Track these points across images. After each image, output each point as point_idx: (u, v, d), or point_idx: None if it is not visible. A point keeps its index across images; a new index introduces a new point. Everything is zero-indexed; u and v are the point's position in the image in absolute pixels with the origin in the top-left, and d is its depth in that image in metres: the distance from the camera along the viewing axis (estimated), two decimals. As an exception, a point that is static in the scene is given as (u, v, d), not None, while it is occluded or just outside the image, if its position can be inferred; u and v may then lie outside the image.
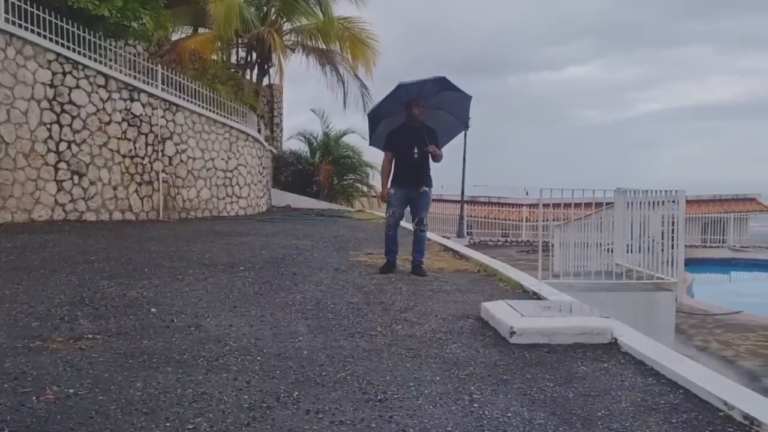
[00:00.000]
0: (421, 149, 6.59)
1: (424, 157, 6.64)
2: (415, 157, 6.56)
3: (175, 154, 12.86)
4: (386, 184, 6.77)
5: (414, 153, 6.55)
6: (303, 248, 8.81)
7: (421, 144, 6.58)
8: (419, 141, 6.57)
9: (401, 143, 6.60)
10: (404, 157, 6.57)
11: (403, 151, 6.58)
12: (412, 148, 6.54)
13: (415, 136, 6.59)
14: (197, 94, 13.72)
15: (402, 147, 6.60)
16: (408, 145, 6.56)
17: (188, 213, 13.21)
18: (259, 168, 15.71)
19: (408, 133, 6.63)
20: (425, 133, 6.63)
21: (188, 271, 6.52)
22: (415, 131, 6.63)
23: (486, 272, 7.05)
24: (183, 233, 10.21)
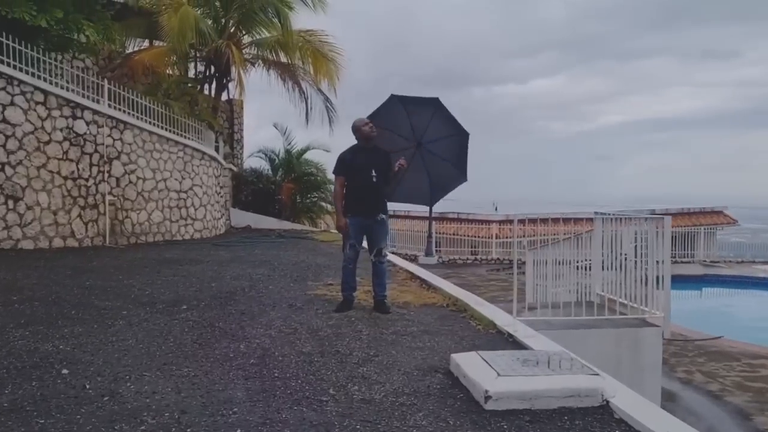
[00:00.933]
0: (380, 172, 6.03)
1: (382, 181, 6.08)
2: (373, 181, 5.99)
3: (123, 175, 12.07)
4: (342, 213, 6.14)
5: (372, 176, 5.97)
6: (257, 279, 8.13)
7: (379, 166, 6.03)
8: (376, 163, 6.03)
9: (357, 166, 6.02)
10: (361, 182, 5.98)
11: (360, 174, 6.00)
12: (369, 171, 5.97)
13: (372, 158, 6.05)
14: (148, 110, 12.96)
15: (358, 170, 6.01)
16: (365, 167, 5.99)
17: (138, 238, 12.40)
18: (216, 188, 14.96)
19: (364, 155, 6.06)
20: (382, 155, 6.12)
21: (121, 312, 5.81)
22: (371, 153, 6.10)
23: (456, 306, 6.46)
24: (127, 262, 9.44)
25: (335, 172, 6.20)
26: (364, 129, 6.07)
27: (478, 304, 6.36)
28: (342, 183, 6.11)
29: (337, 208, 6.15)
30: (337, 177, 6.15)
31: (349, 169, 6.07)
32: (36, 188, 10.46)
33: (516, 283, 6.47)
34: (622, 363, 5.90)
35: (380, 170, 6.04)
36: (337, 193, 6.14)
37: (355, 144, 6.19)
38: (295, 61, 18.27)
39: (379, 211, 6.08)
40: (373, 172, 5.97)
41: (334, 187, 6.23)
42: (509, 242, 22.86)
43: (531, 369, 3.71)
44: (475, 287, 15.18)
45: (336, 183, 6.18)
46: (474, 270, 18.86)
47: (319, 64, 17.66)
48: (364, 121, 6.13)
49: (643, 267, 6.67)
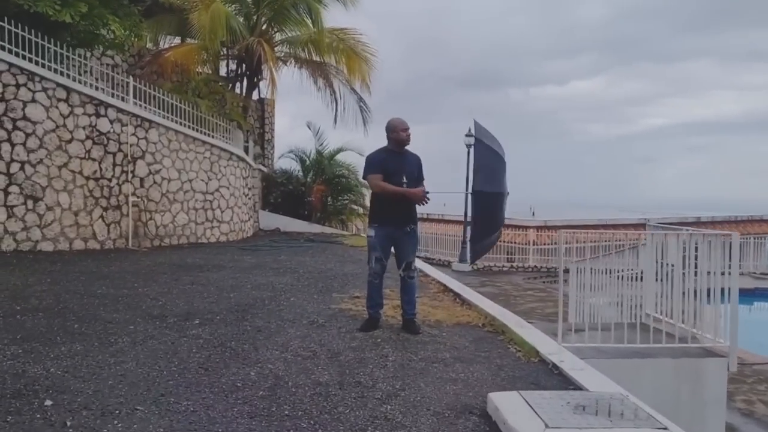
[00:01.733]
0: (411, 179, 5.50)
1: (413, 186, 5.54)
2: (405, 187, 5.46)
3: (147, 175, 11.76)
4: (405, 190, 5.45)
5: (403, 183, 5.44)
6: (280, 289, 7.66)
7: (411, 173, 5.51)
8: (408, 169, 5.51)
9: (389, 170, 5.49)
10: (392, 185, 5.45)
11: (390, 180, 5.45)
12: (400, 177, 5.44)
13: (404, 163, 5.53)
14: (175, 108, 12.65)
15: (389, 175, 5.47)
16: (396, 173, 5.46)
17: (162, 240, 12.08)
18: (243, 189, 14.59)
19: (396, 159, 5.53)
20: (413, 161, 5.61)
21: (128, 327, 5.38)
22: (403, 157, 5.57)
23: (493, 327, 5.88)
24: (146, 267, 9.07)
25: (371, 171, 5.58)
26: (402, 135, 5.50)
27: (518, 325, 5.77)
28: (380, 178, 5.45)
29: (392, 189, 5.41)
30: (374, 175, 5.52)
31: (385, 171, 5.54)
32: (57, 188, 10.18)
33: (561, 305, 5.85)
34: (681, 398, 5.26)
35: (411, 177, 5.51)
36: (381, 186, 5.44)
37: (385, 146, 5.66)
38: (327, 60, 17.85)
39: (408, 221, 5.54)
40: (404, 178, 5.44)
41: (375, 184, 5.50)
42: (547, 249, 22.10)
43: (585, 419, 3.13)
44: (511, 297, 14.55)
45: (374, 181, 5.55)
46: (510, 278, 18.20)
47: (353, 62, 17.21)
48: (403, 125, 5.55)
49: (702, 286, 6.01)
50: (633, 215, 29.24)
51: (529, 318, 12.04)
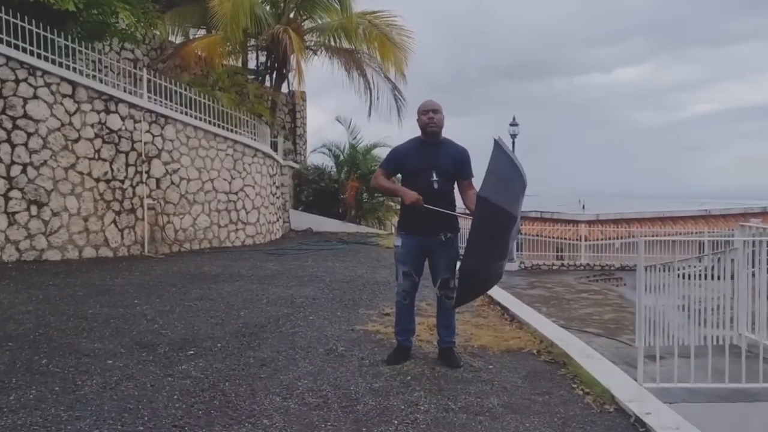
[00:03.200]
0: (445, 175, 4.47)
1: (448, 185, 4.52)
2: (434, 187, 4.41)
3: (164, 176, 10.98)
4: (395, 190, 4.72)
5: (433, 180, 4.42)
6: (299, 304, 6.73)
7: (444, 168, 4.48)
8: (440, 164, 4.48)
9: (413, 164, 4.49)
10: (417, 187, 4.38)
11: (415, 177, 4.45)
12: (429, 172, 4.42)
13: (435, 156, 4.49)
14: (194, 103, 11.85)
15: (413, 172, 4.48)
16: (424, 166, 4.45)
17: (181, 245, 11.30)
18: (271, 188, 13.75)
19: (423, 152, 4.51)
20: (451, 153, 4.55)
21: (106, 362, 4.50)
22: (435, 149, 4.53)
23: (552, 356, 4.81)
24: (156, 278, 8.25)
25: (382, 165, 4.75)
26: (421, 119, 4.49)
27: (583, 354, 4.68)
28: (383, 174, 4.64)
29: (392, 188, 4.79)
30: (381, 170, 4.69)
31: (402, 170, 4.55)
32: (63, 192, 9.46)
33: (642, 334, 4.76)
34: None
35: (445, 174, 4.47)
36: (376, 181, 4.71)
37: (414, 137, 4.66)
38: (359, 47, 16.87)
39: (443, 227, 4.48)
40: (433, 175, 4.41)
41: (373, 179, 4.80)
42: (600, 245, 20.74)
43: None
44: (563, 301, 13.36)
45: (377, 174, 4.70)
46: (561, 278, 16.95)
47: (386, 49, 16.19)
48: (424, 107, 4.53)
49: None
50: (691, 206, 27.51)
51: (586, 325, 10.90)
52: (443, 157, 4.50)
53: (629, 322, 11.34)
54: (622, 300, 13.66)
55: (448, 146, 4.58)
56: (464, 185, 4.59)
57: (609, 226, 21.59)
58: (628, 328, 10.76)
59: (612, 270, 18.50)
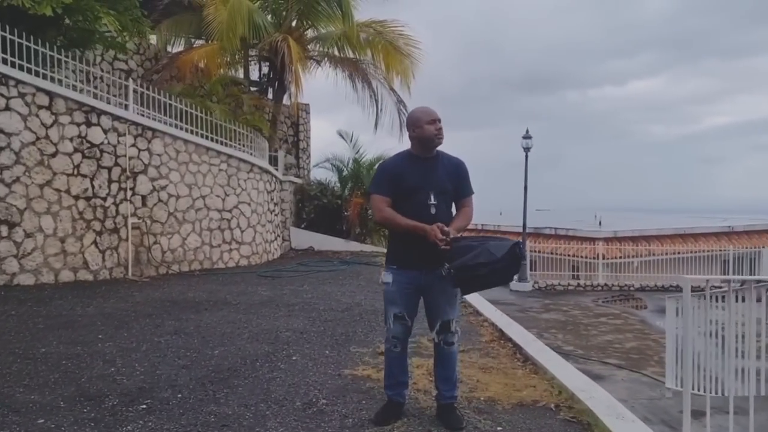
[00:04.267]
0: (443, 195, 3.73)
1: (447, 208, 3.77)
2: (432, 212, 3.66)
3: (151, 192, 10.32)
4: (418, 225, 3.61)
5: (430, 203, 3.67)
6: (284, 339, 5.99)
7: (443, 187, 3.74)
8: (438, 181, 3.73)
9: (405, 185, 3.73)
10: (410, 211, 3.64)
11: (409, 199, 3.69)
12: (425, 193, 3.68)
13: (431, 173, 3.74)
14: (186, 115, 11.20)
15: (407, 192, 3.71)
16: (418, 188, 3.70)
17: (170, 267, 10.60)
18: (268, 205, 13.06)
19: (417, 168, 3.76)
20: (449, 168, 3.81)
21: (35, 421, 3.76)
22: (431, 164, 3.78)
23: (573, 412, 4.03)
24: (131, 307, 7.54)
25: (376, 188, 3.85)
26: (428, 130, 3.69)
27: (613, 413, 3.88)
28: (385, 202, 3.77)
29: (401, 223, 3.66)
30: (378, 196, 3.84)
31: (397, 187, 3.80)
32: (38, 211, 8.80)
33: (689, 388, 3.97)
34: None
35: (444, 192, 3.72)
36: (383, 215, 3.76)
37: (407, 149, 3.92)
38: (363, 56, 16.22)
39: (444, 257, 3.72)
40: (431, 197, 3.68)
41: (376, 211, 3.85)
42: (618, 264, 19.87)
43: None
44: (581, 326, 12.53)
45: (377, 205, 3.87)
46: (577, 299, 16.12)
47: (391, 58, 15.54)
48: (429, 115, 3.73)
49: None
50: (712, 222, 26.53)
51: (607, 355, 10.07)
52: (440, 174, 3.75)
53: (653, 351, 10.50)
54: (644, 325, 12.83)
55: (444, 160, 3.82)
56: (461, 204, 3.85)
57: (627, 244, 20.71)
58: (652, 359, 9.92)
59: (631, 290, 17.65)
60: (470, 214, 3.82)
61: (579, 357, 9.66)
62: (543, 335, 11.41)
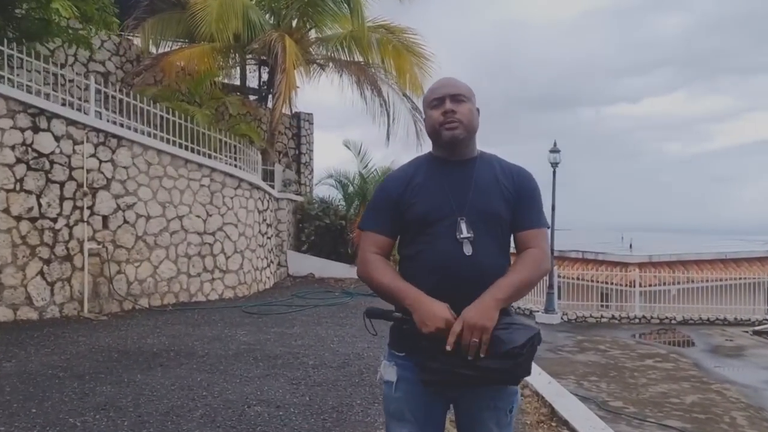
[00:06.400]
0: (485, 222, 2.12)
1: (494, 247, 2.13)
2: (466, 253, 2.05)
3: (114, 212, 8.75)
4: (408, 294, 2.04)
5: (461, 237, 2.07)
6: (251, 420, 4.36)
7: (485, 208, 2.13)
8: (477, 200, 2.14)
9: (420, 207, 2.13)
10: (432, 253, 2.09)
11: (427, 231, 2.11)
12: (451, 222, 2.10)
13: (464, 188, 2.15)
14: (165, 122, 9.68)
15: (421, 218, 2.13)
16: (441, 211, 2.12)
17: (136, 301, 9.00)
18: (260, 226, 11.46)
19: (439, 179, 2.17)
20: (496, 180, 2.19)
21: None
22: (461, 174, 2.18)
23: None
24: (66, 361, 5.92)
25: (365, 218, 2.27)
26: (431, 114, 2.17)
27: None
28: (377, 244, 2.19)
29: (390, 291, 2.08)
30: (368, 232, 2.23)
31: (399, 220, 2.20)
32: (-34, 235, 7.25)
33: None
34: None
35: (488, 219, 2.13)
36: (365, 262, 2.18)
37: (425, 154, 2.32)
38: (372, 59, 14.69)
39: (495, 344, 2.05)
40: (462, 228, 2.07)
41: (359, 262, 2.23)
42: (655, 293, 18.09)
43: None
44: (625, 371, 10.77)
45: (361, 245, 2.26)
46: (614, 334, 14.37)
47: (403, 61, 14.00)
48: (440, 89, 2.18)
49: None
50: (755, 246, 24.69)
51: (666, 415, 8.35)
52: (482, 188, 2.15)
53: (721, 408, 8.77)
54: (700, 370, 11.06)
55: (489, 166, 2.22)
56: (524, 241, 2.19)
57: (664, 270, 18.95)
58: (723, 419, 8.19)
59: (672, 324, 15.88)
60: (541, 260, 2.17)
61: (632, 417, 7.96)
62: (582, 384, 9.71)
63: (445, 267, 2.05)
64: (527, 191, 2.22)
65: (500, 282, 2.02)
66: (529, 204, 2.21)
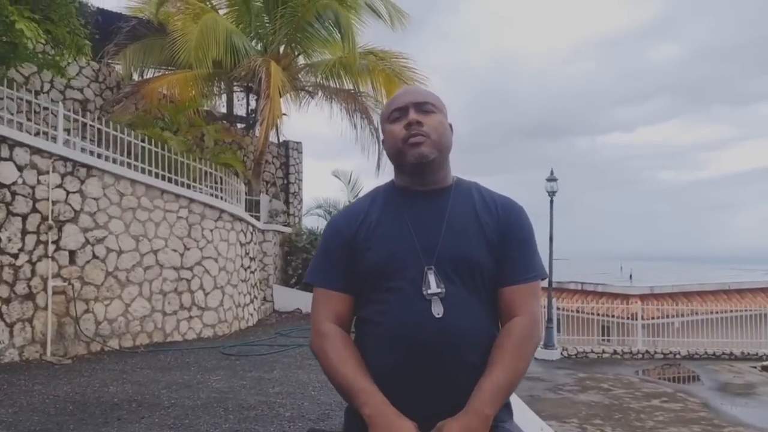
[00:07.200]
0: (462, 273, 1.62)
1: (471, 302, 1.62)
2: (433, 313, 1.56)
3: (82, 247, 8.20)
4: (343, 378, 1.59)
5: (428, 293, 1.57)
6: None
7: (461, 251, 1.63)
8: (451, 240, 1.64)
9: (378, 253, 1.64)
10: (390, 310, 1.59)
11: (384, 281, 1.62)
12: (418, 269, 1.61)
13: (433, 226, 1.66)
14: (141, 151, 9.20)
15: (377, 268, 1.63)
16: (403, 259, 1.62)
17: (106, 342, 8.41)
18: (242, 260, 10.91)
19: (403, 215, 1.68)
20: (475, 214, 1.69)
21: None
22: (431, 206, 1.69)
23: None
24: (11, 416, 5.33)
25: (312, 268, 1.78)
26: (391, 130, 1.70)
27: None
28: (329, 304, 1.69)
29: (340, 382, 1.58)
30: (316, 292, 1.73)
31: (353, 271, 1.68)
32: None
33: None
34: None
35: (464, 268, 1.62)
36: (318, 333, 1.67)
37: (386, 183, 1.83)
38: (363, 86, 14.32)
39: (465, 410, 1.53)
40: (430, 281, 1.58)
41: (311, 324, 1.73)
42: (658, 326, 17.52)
43: None
44: (630, 412, 10.17)
45: (313, 308, 1.75)
46: (617, 371, 13.76)
47: (394, 87, 13.58)
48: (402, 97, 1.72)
49: None
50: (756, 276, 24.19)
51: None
52: (455, 228, 1.68)
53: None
54: (708, 411, 10.46)
55: (467, 198, 1.75)
56: (509, 297, 1.67)
57: (666, 302, 18.40)
58: (738, 469, 7.66)
59: (677, 359, 15.28)
60: (531, 336, 1.63)
61: (641, 467, 7.38)
62: (586, 429, 9.12)
63: (407, 336, 1.54)
64: (516, 230, 1.71)
65: (484, 385, 1.51)
66: (518, 248, 1.70)
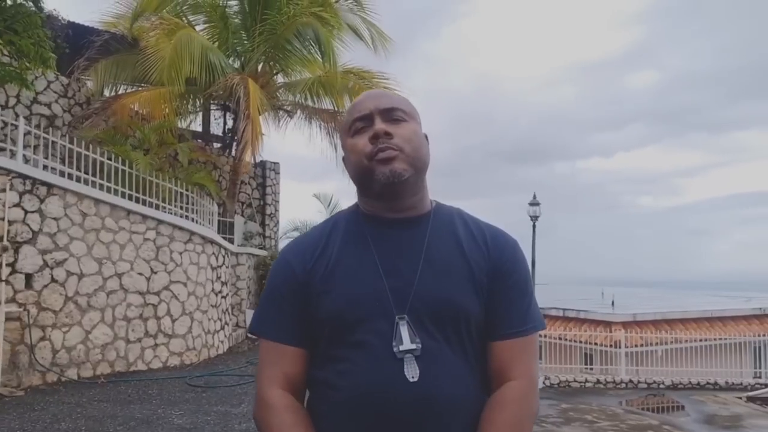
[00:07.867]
0: (444, 322, 1.26)
1: (453, 360, 1.26)
2: (406, 376, 1.20)
3: (40, 270, 7.73)
4: None
5: (399, 347, 1.22)
6: None
7: (442, 295, 1.27)
8: (430, 282, 1.27)
9: (336, 300, 1.27)
10: (352, 371, 1.24)
11: (347, 335, 1.26)
12: (387, 320, 1.24)
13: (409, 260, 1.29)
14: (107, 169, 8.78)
15: (337, 317, 1.26)
16: (366, 301, 1.26)
17: (63, 372, 7.91)
18: (213, 284, 10.47)
19: (368, 249, 1.30)
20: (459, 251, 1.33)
21: None
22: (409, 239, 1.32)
23: None
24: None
25: (252, 327, 1.41)
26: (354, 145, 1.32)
27: None
28: (277, 363, 1.34)
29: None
30: (263, 344, 1.37)
31: (307, 321, 1.32)
32: None
33: None
34: None
35: (445, 317, 1.26)
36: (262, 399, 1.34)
37: (348, 209, 1.46)
38: (342, 107, 14.04)
39: None
40: (403, 335, 1.22)
41: (257, 386, 1.39)
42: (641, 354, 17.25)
43: None
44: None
45: (259, 367, 1.39)
46: (600, 401, 13.41)
47: (374, 107, 13.32)
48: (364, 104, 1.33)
49: None
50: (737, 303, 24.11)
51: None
52: (434, 266, 1.31)
53: (727, 495, 7.91)
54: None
55: (449, 228, 1.38)
56: (502, 354, 1.31)
57: (649, 329, 18.16)
58: None
59: (661, 389, 14.99)
60: (528, 407, 1.28)
61: None
62: (571, 466, 8.74)
63: (372, 406, 1.19)
64: (510, 271, 1.35)
65: None
66: (512, 292, 1.34)
